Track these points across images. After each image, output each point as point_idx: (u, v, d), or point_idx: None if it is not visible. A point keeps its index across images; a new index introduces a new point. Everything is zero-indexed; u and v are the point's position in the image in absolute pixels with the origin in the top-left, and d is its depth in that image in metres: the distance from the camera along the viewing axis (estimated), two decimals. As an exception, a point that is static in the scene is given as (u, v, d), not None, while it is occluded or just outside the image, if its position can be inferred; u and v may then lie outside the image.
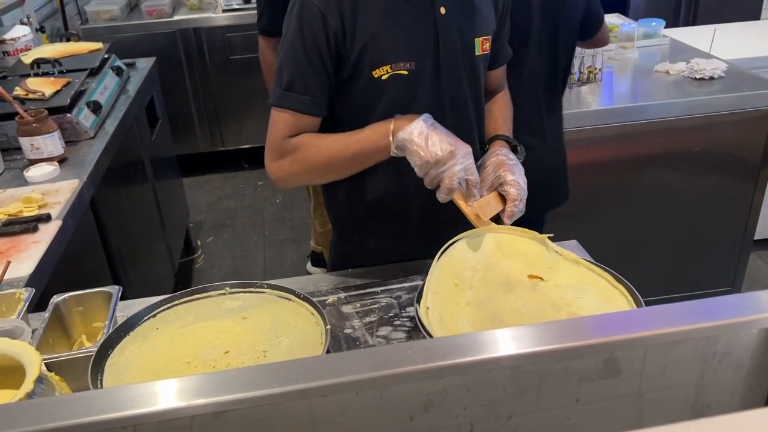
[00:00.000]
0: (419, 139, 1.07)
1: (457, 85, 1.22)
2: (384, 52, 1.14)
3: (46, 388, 0.84)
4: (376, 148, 1.13)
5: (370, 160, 1.16)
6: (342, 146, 1.15)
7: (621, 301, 1.03)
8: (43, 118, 1.90)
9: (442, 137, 1.08)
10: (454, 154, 1.06)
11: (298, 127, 1.17)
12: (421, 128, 1.08)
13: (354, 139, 1.14)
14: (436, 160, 1.06)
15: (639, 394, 0.77)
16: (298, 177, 1.21)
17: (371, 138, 1.13)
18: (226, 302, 1.08)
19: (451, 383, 0.70)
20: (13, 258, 1.40)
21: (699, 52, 2.60)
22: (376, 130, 1.13)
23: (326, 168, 1.18)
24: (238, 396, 0.64)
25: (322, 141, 1.17)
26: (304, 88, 1.15)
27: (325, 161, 1.16)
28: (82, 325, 1.13)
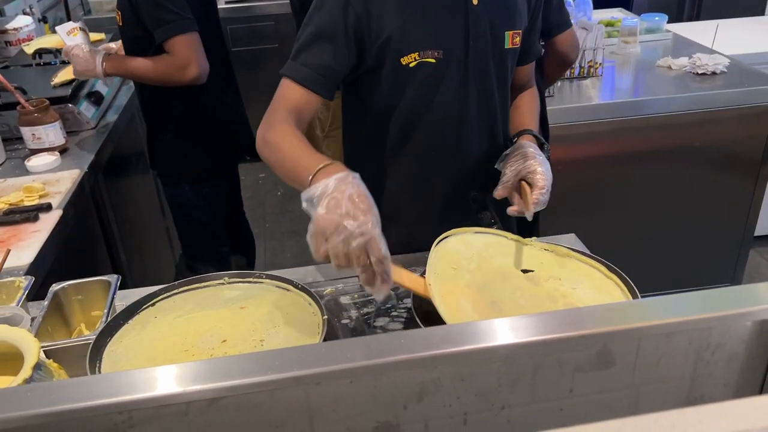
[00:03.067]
0: (318, 201, 0.92)
1: (484, 76, 1.23)
2: (412, 39, 1.14)
3: (45, 374, 0.85)
4: (301, 181, 1.01)
5: (298, 186, 1.02)
6: (292, 155, 1.07)
7: (615, 291, 1.04)
8: (44, 108, 1.91)
9: (342, 202, 0.90)
10: (346, 226, 0.88)
11: (297, 101, 1.13)
12: (326, 188, 0.92)
13: (302, 156, 1.05)
14: (322, 231, 0.90)
15: (632, 385, 0.77)
16: (263, 156, 1.13)
17: (305, 166, 1.01)
18: (224, 292, 1.09)
19: (445, 372, 0.71)
20: (13, 246, 1.41)
21: (701, 47, 2.59)
22: (310, 163, 1.01)
23: (277, 168, 1.11)
24: (234, 383, 0.64)
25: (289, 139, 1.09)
26: (309, 61, 1.13)
27: (277, 161, 1.10)
28: (81, 313, 1.14)
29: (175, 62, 1.84)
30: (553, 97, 2.23)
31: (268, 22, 3.81)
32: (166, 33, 1.82)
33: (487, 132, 1.29)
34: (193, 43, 1.84)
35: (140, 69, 1.91)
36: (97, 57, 1.91)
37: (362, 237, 0.88)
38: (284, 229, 3.50)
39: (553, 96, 2.24)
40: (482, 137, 1.29)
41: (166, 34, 1.82)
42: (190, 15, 1.84)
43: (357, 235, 0.88)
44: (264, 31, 3.82)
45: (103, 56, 1.92)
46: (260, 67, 3.88)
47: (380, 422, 0.73)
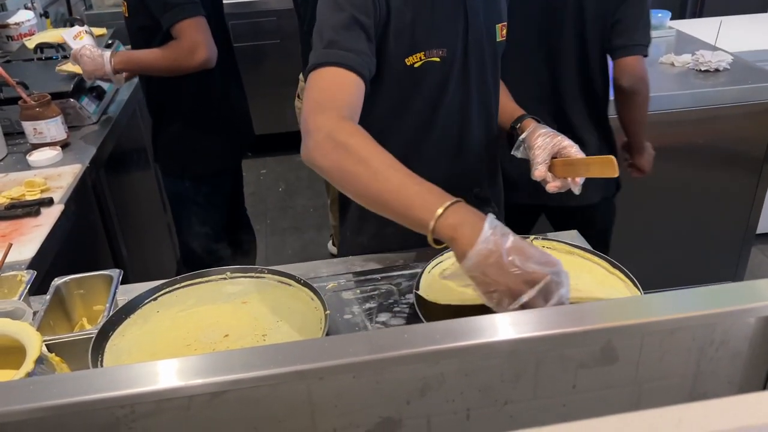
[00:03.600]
0: (497, 262, 0.79)
1: (482, 71, 1.23)
2: (418, 39, 1.13)
3: (47, 368, 0.85)
4: (407, 215, 0.88)
5: (407, 225, 0.90)
6: (389, 179, 0.89)
7: (618, 285, 1.04)
8: (46, 102, 1.90)
9: (528, 251, 0.81)
10: (554, 273, 0.80)
11: (345, 88, 1.03)
12: (491, 246, 0.79)
13: (405, 187, 0.88)
14: (532, 282, 0.79)
15: (635, 382, 0.77)
16: (331, 174, 0.95)
17: (416, 200, 0.87)
18: (226, 287, 1.09)
19: (448, 368, 0.70)
20: (15, 241, 1.41)
21: (704, 44, 2.58)
22: (420, 195, 0.87)
23: (363, 194, 0.92)
24: (236, 376, 0.64)
25: (380, 157, 0.91)
26: (350, 47, 1.02)
27: (365, 187, 0.91)
28: (83, 308, 1.14)
29: (183, 46, 1.81)
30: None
31: (270, 17, 3.80)
32: (174, 17, 1.80)
33: (486, 127, 1.29)
34: (200, 26, 1.82)
35: (149, 59, 1.89)
36: (105, 55, 1.90)
37: (558, 293, 0.80)
38: (285, 225, 3.51)
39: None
40: (481, 133, 1.29)
41: (174, 19, 1.80)
42: (197, 0, 1.83)
43: (554, 290, 0.79)
44: (266, 26, 3.82)
45: (111, 54, 1.91)
46: (263, 63, 3.88)
47: (383, 417, 0.73)
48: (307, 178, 3.92)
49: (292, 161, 4.11)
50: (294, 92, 2.62)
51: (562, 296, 0.79)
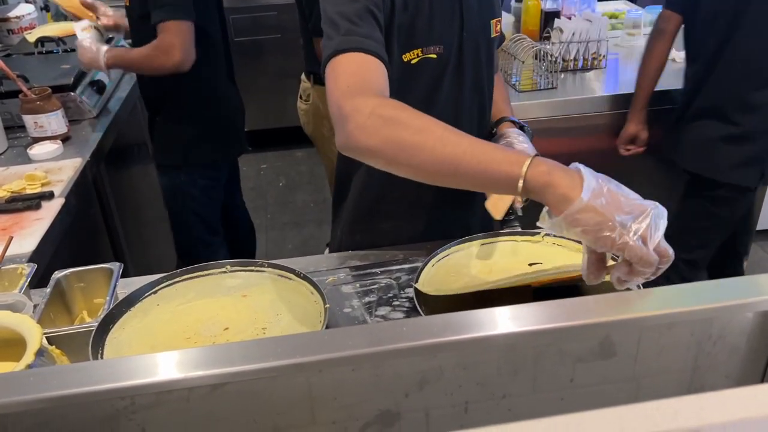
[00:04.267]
0: (611, 197, 0.77)
1: (477, 68, 1.22)
2: (417, 36, 1.12)
3: (47, 360, 0.85)
4: (502, 178, 0.82)
5: (487, 185, 0.89)
6: (473, 152, 0.85)
7: None
8: (46, 96, 1.90)
9: (624, 187, 0.81)
10: (653, 204, 0.79)
11: (375, 73, 0.98)
12: (599, 183, 0.78)
13: (489, 154, 0.84)
14: (642, 212, 0.77)
15: (633, 376, 0.77)
16: (386, 158, 0.89)
17: (497, 157, 0.84)
18: (226, 280, 1.09)
19: (447, 361, 0.71)
20: (15, 234, 1.41)
21: (706, 40, 2.57)
22: (499, 151, 0.85)
23: (433, 166, 0.87)
24: (236, 369, 0.64)
25: (436, 124, 0.88)
26: (369, 34, 0.99)
27: (435, 158, 0.86)
28: (84, 301, 1.14)
29: (159, 45, 1.86)
30: (556, 89, 2.23)
31: (270, 12, 3.80)
32: (160, 16, 1.85)
33: (477, 124, 1.29)
34: (182, 30, 1.86)
35: (132, 57, 1.96)
36: (101, 50, 1.98)
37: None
38: (286, 219, 3.51)
39: (556, 88, 2.23)
40: (473, 128, 1.28)
41: (160, 17, 1.86)
42: (189, 3, 1.86)
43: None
44: (267, 21, 3.81)
45: (106, 50, 1.98)
46: (263, 57, 3.88)
47: (381, 410, 0.73)
48: (307, 173, 3.92)
49: (292, 156, 4.11)
50: (295, 88, 2.61)
51: (664, 227, 0.78)
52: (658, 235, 0.76)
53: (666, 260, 0.76)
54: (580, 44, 2.34)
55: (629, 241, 0.74)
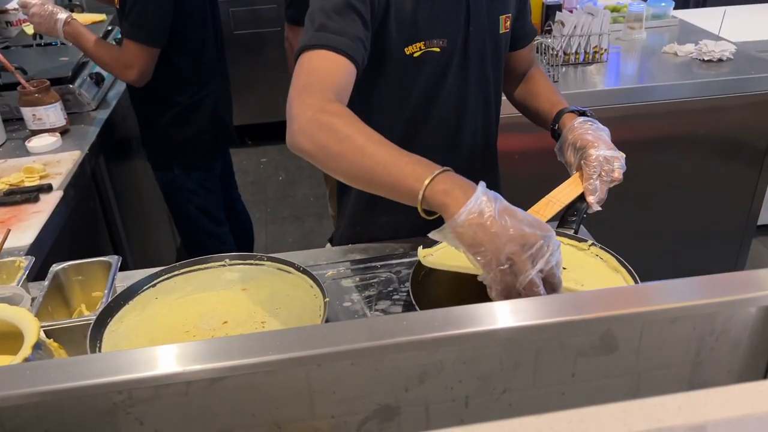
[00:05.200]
0: (489, 222, 0.78)
1: (482, 64, 1.21)
2: (419, 28, 1.11)
3: (44, 354, 0.84)
4: (409, 195, 0.85)
5: (396, 197, 0.89)
6: (375, 153, 0.88)
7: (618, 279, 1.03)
8: (44, 88, 1.89)
9: (520, 215, 0.81)
10: (545, 237, 0.79)
11: (333, 72, 0.98)
12: (489, 205, 0.79)
13: (395, 161, 0.87)
14: (523, 243, 0.78)
15: (635, 370, 0.77)
16: (315, 157, 0.92)
17: (404, 171, 0.86)
18: (225, 273, 1.09)
19: (447, 355, 0.70)
20: (13, 227, 1.41)
21: (708, 33, 2.57)
22: (417, 172, 0.85)
23: (348, 172, 0.91)
24: (235, 363, 0.64)
25: (364, 135, 0.89)
26: (343, 30, 0.99)
27: (351, 165, 0.89)
28: (82, 294, 1.14)
29: (121, 59, 1.89)
30: (557, 83, 2.22)
31: (270, 5, 3.78)
32: (125, 29, 1.88)
33: (483, 120, 1.28)
34: (145, 54, 1.88)
35: (91, 48, 1.94)
36: (59, 20, 1.91)
37: (557, 251, 0.80)
38: (285, 213, 3.50)
39: (557, 82, 2.22)
40: (478, 126, 1.27)
41: (124, 31, 1.88)
42: (155, 27, 1.87)
43: (554, 250, 0.79)
44: (266, 14, 3.80)
45: (65, 20, 1.92)
46: (262, 50, 3.86)
47: (381, 404, 0.73)
48: (307, 167, 3.91)
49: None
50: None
51: (551, 261, 0.79)
52: (532, 271, 0.78)
53: (535, 293, 0.78)
54: (582, 38, 2.33)
55: (491, 271, 0.78)
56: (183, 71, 2.02)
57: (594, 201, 1.08)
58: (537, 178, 1.21)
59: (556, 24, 2.38)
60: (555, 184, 1.13)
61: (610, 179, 1.08)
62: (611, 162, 1.08)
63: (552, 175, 1.17)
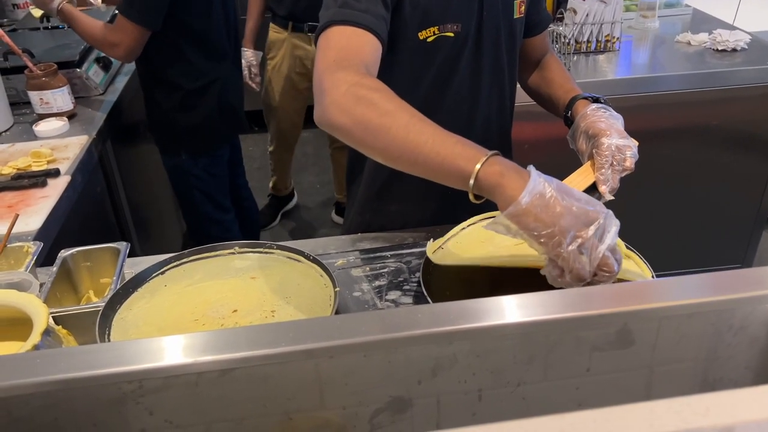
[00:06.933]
0: (552, 202, 0.77)
1: (496, 49, 1.19)
2: (433, 12, 1.09)
3: (53, 341, 0.84)
4: (459, 176, 0.83)
5: (442, 178, 0.87)
6: (434, 142, 0.84)
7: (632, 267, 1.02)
8: (52, 72, 1.88)
9: (576, 194, 0.79)
10: (605, 213, 0.78)
11: (363, 48, 0.95)
12: (547, 184, 0.77)
13: (449, 147, 0.83)
14: (588, 221, 0.77)
15: (650, 365, 0.76)
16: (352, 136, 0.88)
17: (455, 151, 0.83)
18: (234, 261, 1.08)
19: (461, 348, 0.69)
20: (21, 212, 1.40)
21: (722, 23, 2.53)
22: (459, 146, 0.83)
23: (393, 152, 0.86)
24: (246, 354, 0.63)
25: (406, 112, 0.86)
26: (367, 8, 0.96)
27: (394, 145, 0.84)
28: (90, 280, 1.13)
29: (109, 36, 1.89)
30: (569, 71, 2.19)
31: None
32: (120, 8, 1.87)
33: (497, 107, 1.26)
34: (134, 32, 1.87)
35: (84, 29, 1.93)
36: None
37: (612, 230, 0.78)
38: (292, 200, 3.49)
39: (569, 70, 2.19)
40: (492, 113, 1.25)
41: (120, 9, 1.87)
42: (156, 16, 1.86)
43: (609, 229, 0.77)
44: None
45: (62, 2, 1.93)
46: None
47: (393, 396, 0.72)
48: (313, 154, 3.90)
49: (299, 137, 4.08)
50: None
51: (615, 237, 0.77)
52: (602, 247, 0.76)
53: (607, 272, 0.76)
54: (594, 26, 2.30)
55: (562, 252, 0.75)
56: (190, 56, 2.00)
57: (606, 190, 1.06)
58: (550, 166, 1.19)
59: (568, 11, 2.35)
60: (568, 172, 1.12)
61: (621, 168, 1.07)
62: (623, 151, 1.06)
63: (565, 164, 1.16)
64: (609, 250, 0.78)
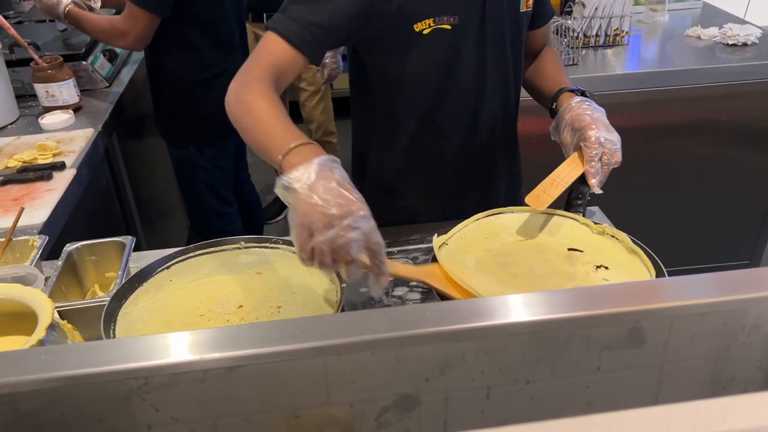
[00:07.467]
0: (303, 189, 0.82)
1: (500, 42, 1.17)
2: (427, 4, 1.08)
3: (58, 335, 0.83)
4: (272, 158, 0.91)
5: (269, 161, 0.94)
6: (264, 125, 0.95)
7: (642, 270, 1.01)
8: (58, 64, 1.88)
9: (335, 190, 0.82)
10: (343, 216, 0.80)
11: (276, 56, 1.02)
12: (309, 175, 0.83)
13: (275, 128, 0.94)
14: (310, 223, 0.81)
15: (661, 364, 0.75)
16: (231, 116, 1.01)
17: (277, 142, 0.91)
18: (240, 256, 1.07)
19: (470, 347, 0.68)
20: (27, 205, 1.40)
21: (732, 17, 2.51)
22: (283, 139, 0.91)
23: (245, 133, 0.98)
24: (253, 351, 0.62)
25: (263, 103, 0.97)
26: (299, 16, 1.02)
27: (247, 125, 0.97)
28: (95, 274, 1.13)
29: (117, 26, 1.87)
30: (577, 65, 2.17)
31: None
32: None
33: (501, 101, 1.25)
34: (145, 20, 1.85)
35: (90, 25, 1.91)
36: (62, 3, 1.91)
37: (357, 230, 0.80)
38: (297, 194, 3.48)
39: (577, 65, 2.18)
40: (496, 107, 1.24)
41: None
42: (166, 3, 1.84)
43: (354, 226, 0.80)
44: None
45: (68, 6, 1.91)
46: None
47: (400, 394, 0.71)
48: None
49: (304, 131, 4.07)
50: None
51: (356, 238, 0.80)
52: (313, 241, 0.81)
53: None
54: (603, 20, 2.28)
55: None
56: (198, 47, 1.99)
57: (596, 184, 1.06)
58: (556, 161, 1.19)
59: (576, 5, 2.33)
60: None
61: (611, 162, 1.07)
62: (613, 144, 1.07)
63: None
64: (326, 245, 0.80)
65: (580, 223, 1.11)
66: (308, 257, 0.82)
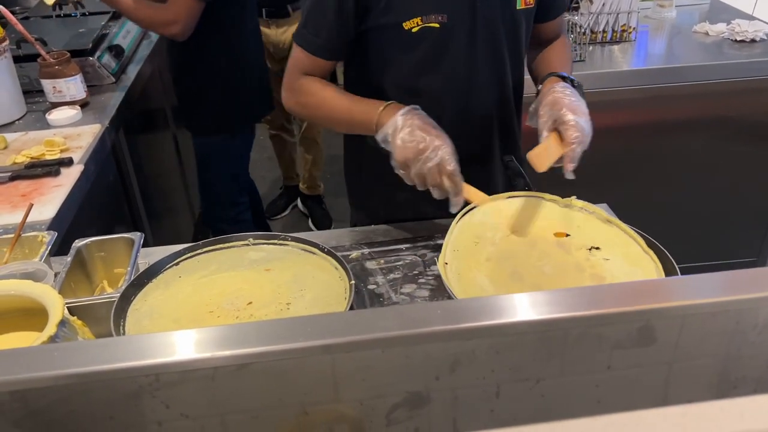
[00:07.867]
0: (393, 138, 1.05)
1: (494, 41, 1.17)
2: (415, 3, 1.08)
3: (69, 331, 0.83)
4: (366, 127, 1.12)
5: (363, 132, 1.14)
6: (343, 109, 1.16)
7: (650, 268, 1.00)
8: (65, 60, 1.88)
9: (414, 132, 1.04)
10: (423, 150, 1.02)
11: (308, 66, 1.19)
12: (396, 125, 1.05)
13: (355, 107, 1.15)
14: (404, 160, 1.04)
15: (670, 362, 0.75)
16: (303, 116, 1.29)
17: (366, 114, 1.12)
18: (249, 253, 1.07)
19: (480, 345, 0.68)
20: (35, 201, 1.40)
21: (741, 12, 2.49)
22: (369, 110, 1.11)
23: (328, 122, 1.24)
24: (263, 349, 0.62)
25: (327, 94, 1.18)
26: (316, 30, 1.15)
27: (326, 116, 1.20)
28: (104, 270, 1.13)
29: (163, 15, 1.86)
30: (584, 62, 2.17)
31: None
32: None
33: (497, 97, 1.24)
34: (191, 7, 1.85)
35: (129, 6, 1.89)
36: None
37: (436, 158, 1.02)
38: (303, 190, 3.48)
39: (584, 61, 2.17)
40: (492, 102, 1.24)
41: None
42: None
43: (431, 157, 1.01)
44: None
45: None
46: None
47: (410, 392, 0.71)
48: (323, 146, 3.88)
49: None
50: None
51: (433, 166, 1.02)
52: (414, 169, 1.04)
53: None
54: (610, 15, 2.27)
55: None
56: (234, 31, 1.99)
57: (571, 168, 1.06)
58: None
59: (583, 1, 2.31)
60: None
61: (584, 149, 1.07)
62: (588, 134, 1.07)
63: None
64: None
65: (546, 200, 1.13)
66: (413, 184, 1.07)
